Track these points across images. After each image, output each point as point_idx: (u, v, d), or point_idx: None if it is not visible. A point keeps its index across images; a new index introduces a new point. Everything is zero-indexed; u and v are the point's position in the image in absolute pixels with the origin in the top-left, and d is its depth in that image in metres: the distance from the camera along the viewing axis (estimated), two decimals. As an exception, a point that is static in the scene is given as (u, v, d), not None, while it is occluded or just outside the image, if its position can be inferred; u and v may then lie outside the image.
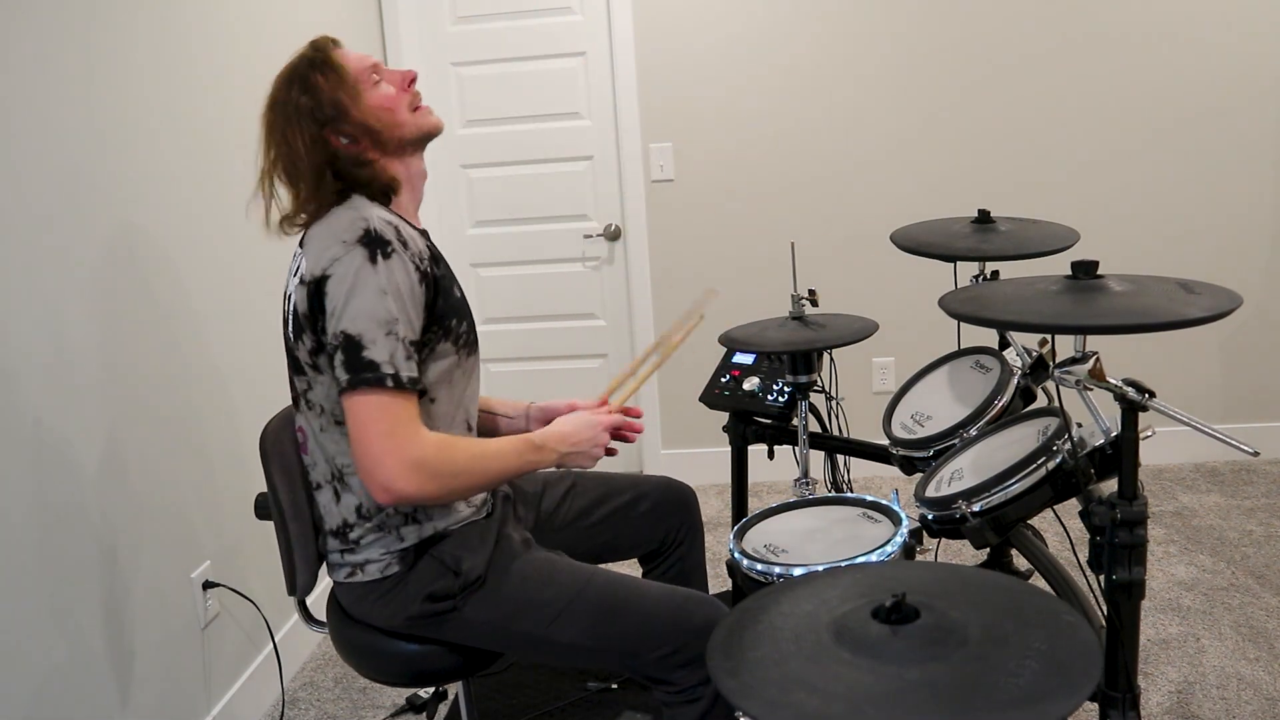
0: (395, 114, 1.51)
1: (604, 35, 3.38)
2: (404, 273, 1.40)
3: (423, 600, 1.51)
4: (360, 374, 1.35)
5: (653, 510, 1.85)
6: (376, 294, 1.36)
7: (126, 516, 1.94)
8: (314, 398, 1.49)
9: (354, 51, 1.54)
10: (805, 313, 2.04)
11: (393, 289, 1.38)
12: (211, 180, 2.28)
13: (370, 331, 1.35)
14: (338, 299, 1.37)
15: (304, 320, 1.42)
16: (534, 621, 1.51)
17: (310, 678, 2.53)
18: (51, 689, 1.71)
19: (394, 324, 1.37)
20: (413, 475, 1.36)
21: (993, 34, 3.25)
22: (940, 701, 0.87)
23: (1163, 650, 2.35)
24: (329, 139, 1.47)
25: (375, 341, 1.35)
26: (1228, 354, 3.43)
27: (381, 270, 1.37)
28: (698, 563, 1.91)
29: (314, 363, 1.45)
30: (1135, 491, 1.28)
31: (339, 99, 1.47)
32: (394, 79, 1.54)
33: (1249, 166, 3.27)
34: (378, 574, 1.52)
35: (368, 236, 1.38)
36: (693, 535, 1.90)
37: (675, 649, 1.48)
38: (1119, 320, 1.19)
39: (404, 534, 1.51)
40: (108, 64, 1.93)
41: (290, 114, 1.46)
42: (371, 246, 1.38)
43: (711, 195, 3.43)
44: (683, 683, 1.50)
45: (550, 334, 3.65)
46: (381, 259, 1.38)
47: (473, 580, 1.51)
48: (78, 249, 1.83)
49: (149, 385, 2.03)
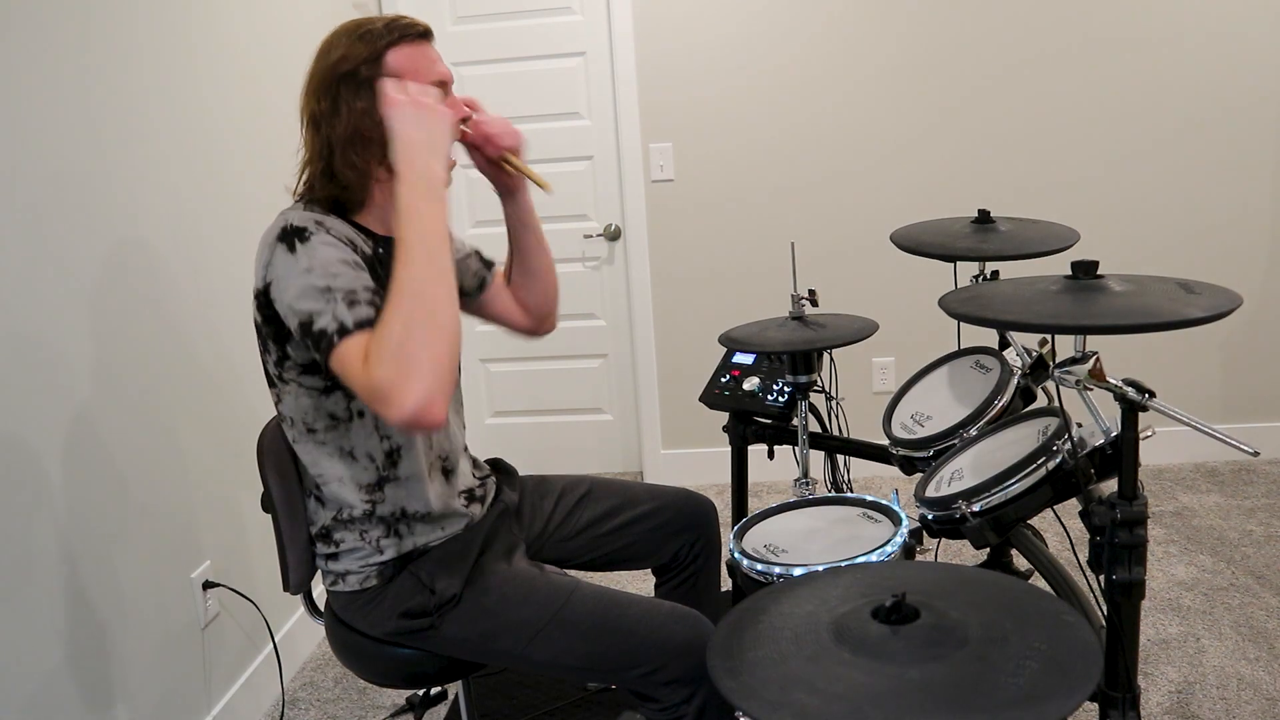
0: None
1: (604, 35, 3.38)
2: (326, 245, 1.36)
3: (399, 617, 1.51)
4: (319, 347, 1.33)
5: (668, 524, 1.79)
6: (301, 274, 1.34)
7: (126, 516, 1.94)
8: (284, 409, 1.50)
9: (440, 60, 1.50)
10: (805, 313, 2.04)
11: (318, 264, 1.34)
12: (211, 180, 2.28)
13: (311, 305, 1.32)
14: (282, 299, 1.36)
15: (264, 331, 1.44)
16: (512, 640, 1.49)
17: (310, 678, 2.53)
18: (52, 689, 1.71)
19: (327, 292, 1.32)
20: (391, 401, 1.23)
21: (993, 35, 3.25)
22: (940, 701, 0.87)
23: (1163, 650, 2.35)
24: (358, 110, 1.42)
25: (319, 313, 1.32)
26: (1228, 354, 3.43)
27: (301, 253, 1.35)
28: (712, 582, 1.86)
29: (280, 374, 1.47)
30: (1135, 491, 1.28)
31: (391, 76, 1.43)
32: (454, 107, 1.51)
33: (1249, 167, 3.27)
34: (357, 585, 1.53)
35: (284, 232, 1.37)
36: (709, 552, 1.84)
37: (656, 668, 1.45)
38: (1119, 320, 1.19)
39: (383, 546, 1.52)
40: (108, 64, 1.93)
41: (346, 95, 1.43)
42: (289, 239, 1.37)
43: (711, 195, 3.43)
44: (666, 700, 1.47)
45: (550, 334, 3.64)
46: (300, 243, 1.36)
47: (447, 599, 1.50)
48: (76, 250, 1.83)
49: (149, 385, 2.03)
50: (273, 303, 1.38)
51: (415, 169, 1.33)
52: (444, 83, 1.49)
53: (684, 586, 1.84)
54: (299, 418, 1.49)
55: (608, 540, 1.78)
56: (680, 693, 1.45)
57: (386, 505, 1.52)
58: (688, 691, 1.45)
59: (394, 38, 1.44)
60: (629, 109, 3.38)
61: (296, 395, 1.47)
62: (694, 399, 3.53)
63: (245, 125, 2.45)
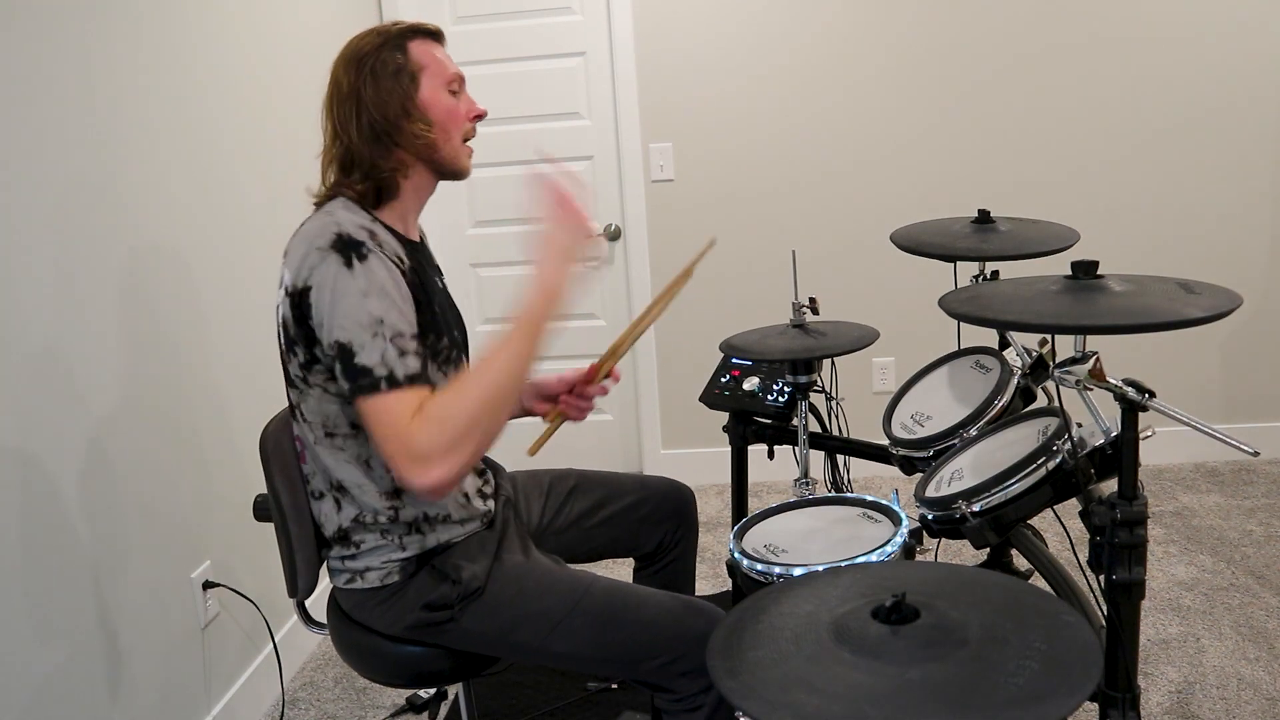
0: (448, 127, 1.50)
1: (604, 35, 3.38)
2: (384, 270, 1.37)
3: (420, 609, 1.50)
4: (356, 381, 1.33)
5: (654, 513, 1.85)
6: (357, 297, 1.34)
7: (126, 517, 1.94)
8: (305, 411, 1.48)
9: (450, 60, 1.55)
10: (806, 320, 2.05)
11: (374, 288, 1.35)
12: (211, 181, 2.28)
13: (358, 336, 1.33)
14: (323, 309, 1.35)
15: (293, 333, 1.41)
16: (532, 632, 1.50)
17: (310, 678, 2.53)
18: (51, 689, 1.71)
19: (379, 325, 1.34)
20: (424, 467, 1.29)
21: (993, 34, 3.25)
22: (940, 701, 0.87)
23: (1163, 650, 2.35)
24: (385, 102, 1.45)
25: (364, 346, 1.33)
26: (1228, 354, 3.43)
27: (359, 272, 1.35)
28: (689, 564, 1.92)
29: (305, 376, 1.44)
30: (1135, 491, 1.28)
31: (416, 74, 1.47)
32: (468, 104, 1.54)
33: (1249, 167, 3.27)
34: (378, 582, 1.52)
35: (340, 241, 1.36)
36: (689, 537, 1.90)
37: (675, 658, 1.47)
38: (1119, 320, 1.19)
39: (406, 544, 1.51)
40: (108, 63, 1.93)
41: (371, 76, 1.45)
42: (345, 251, 1.35)
43: (711, 195, 3.43)
44: (683, 691, 1.49)
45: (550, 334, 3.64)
46: (357, 261, 1.35)
47: (471, 590, 1.50)
48: (76, 255, 1.83)
49: (149, 385, 2.03)
50: (310, 307, 1.36)
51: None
52: (459, 79, 1.53)
53: (666, 573, 1.88)
54: (319, 421, 1.47)
55: (598, 532, 1.81)
56: (699, 682, 1.48)
57: (408, 510, 1.51)
58: (706, 681, 1.46)
59: (412, 32, 1.50)
60: (629, 109, 3.38)
61: (320, 400, 1.45)
62: (694, 399, 3.53)
63: (245, 123, 2.44)
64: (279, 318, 1.44)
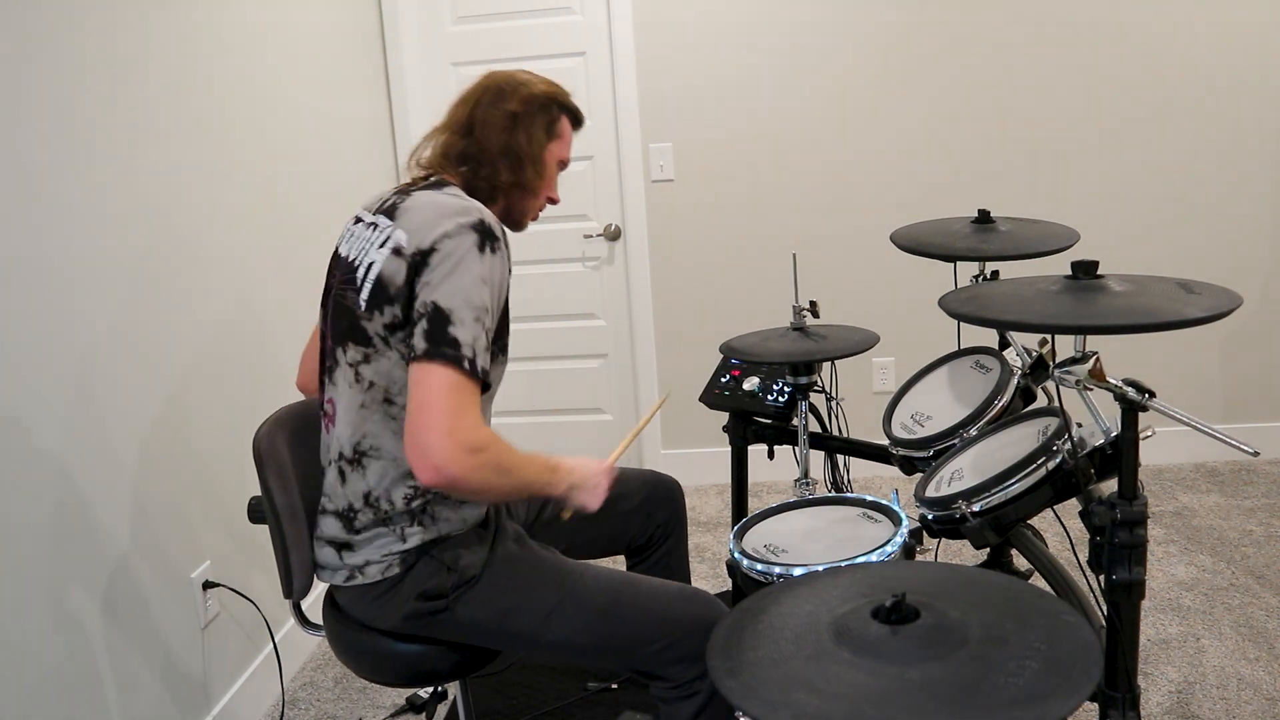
0: (541, 190, 1.67)
1: (604, 35, 3.38)
2: (502, 271, 1.44)
3: (416, 599, 1.50)
4: (441, 347, 1.35)
5: (642, 506, 1.87)
6: (477, 280, 1.39)
7: (126, 517, 1.94)
8: (369, 372, 1.46)
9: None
10: (806, 324, 2.05)
11: (493, 281, 1.42)
12: (212, 180, 2.28)
13: (461, 311, 1.37)
14: (437, 273, 1.39)
15: (395, 293, 1.42)
16: (527, 620, 1.51)
17: (310, 678, 2.53)
18: (51, 688, 1.71)
19: (484, 313, 1.40)
20: (468, 459, 1.34)
21: (993, 34, 3.25)
22: (940, 701, 0.87)
23: (1163, 650, 2.35)
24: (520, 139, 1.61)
25: (464, 322, 1.37)
26: (1228, 354, 3.43)
27: (487, 260, 1.41)
28: (682, 556, 1.94)
29: (386, 337, 1.44)
30: (1135, 491, 1.28)
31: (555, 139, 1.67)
32: (554, 187, 1.71)
33: (1249, 167, 3.27)
34: (378, 575, 1.51)
35: (482, 225, 1.43)
36: (679, 529, 1.92)
37: (669, 644, 1.49)
38: (1119, 320, 1.19)
39: (408, 535, 1.51)
40: (113, 63, 1.93)
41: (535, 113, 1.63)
42: (484, 236, 1.42)
43: (711, 195, 3.43)
44: (678, 678, 1.50)
45: (550, 334, 3.65)
46: (490, 251, 1.42)
47: (468, 578, 1.50)
48: (75, 254, 1.83)
49: (149, 385, 2.03)
50: (426, 268, 1.40)
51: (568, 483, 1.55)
52: (566, 165, 1.74)
53: (659, 565, 1.90)
54: (383, 385, 1.46)
55: (588, 526, 1.82)
56: (693, 669, 1.49)
57: (418, 501, 1.50)
58: (702, 667, 1.47)
59: (571, 111, 1.71)
60: (629, 109, 3.38)
61: (394, 363, 1.45)
62: (694, 399, 3.53)
63: (245, 123, 2.44)
64: (367, 275, 1.46)
